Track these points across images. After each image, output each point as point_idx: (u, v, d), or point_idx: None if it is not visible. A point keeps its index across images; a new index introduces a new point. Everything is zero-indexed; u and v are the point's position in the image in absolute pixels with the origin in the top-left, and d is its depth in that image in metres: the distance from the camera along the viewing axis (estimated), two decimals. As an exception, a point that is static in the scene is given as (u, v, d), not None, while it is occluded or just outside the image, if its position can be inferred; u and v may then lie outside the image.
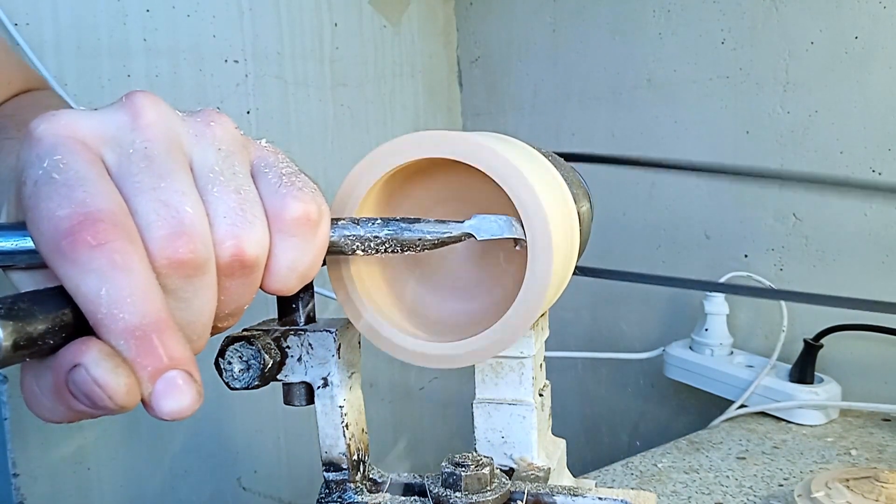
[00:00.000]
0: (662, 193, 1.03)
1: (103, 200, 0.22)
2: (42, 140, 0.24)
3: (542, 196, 0.32)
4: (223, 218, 0.25)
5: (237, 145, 0.27)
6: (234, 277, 0.26)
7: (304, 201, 0.27)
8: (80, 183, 0.22)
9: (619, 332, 1.11)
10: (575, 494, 0.37)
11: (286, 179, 0.27)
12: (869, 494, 0.55)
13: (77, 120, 0.24)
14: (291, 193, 0.27)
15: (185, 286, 0.24)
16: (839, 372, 0.83)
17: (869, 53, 0.82)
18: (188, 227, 0.24)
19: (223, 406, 1.01)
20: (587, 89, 1.11)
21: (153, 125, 0.25)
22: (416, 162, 0.35)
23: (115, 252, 0.22)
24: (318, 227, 0.27)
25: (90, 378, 0.21)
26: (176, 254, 0.23)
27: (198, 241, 0.24)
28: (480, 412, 0.43)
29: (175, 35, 0.94)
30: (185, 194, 0.24)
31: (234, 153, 0.27)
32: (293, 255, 0.27)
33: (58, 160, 0.23)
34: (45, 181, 0.23)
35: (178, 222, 0.23)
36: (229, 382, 0.36)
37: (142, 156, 0.24)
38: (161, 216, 0.23)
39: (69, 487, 0.88)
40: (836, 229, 0.87)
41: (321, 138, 1.10)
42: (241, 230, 0.25)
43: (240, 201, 0.25)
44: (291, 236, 0.27)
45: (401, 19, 1.20)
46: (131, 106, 0.25)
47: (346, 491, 0.38)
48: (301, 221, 0.27)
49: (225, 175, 0.26)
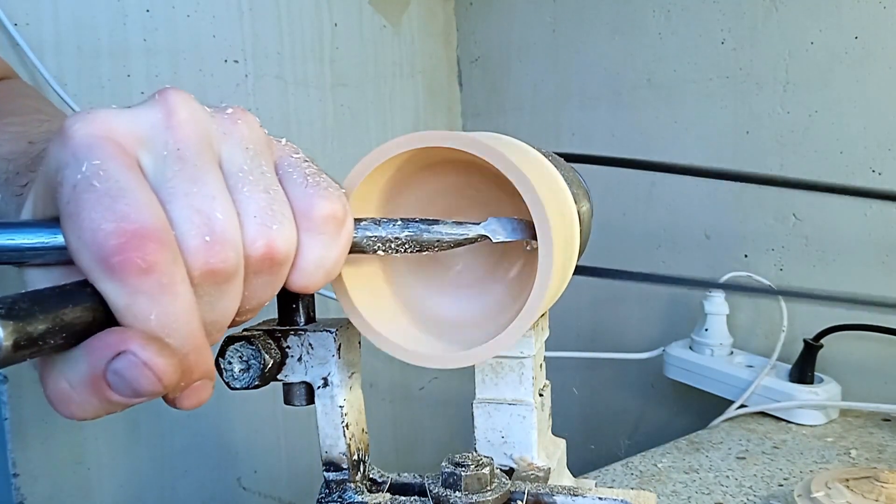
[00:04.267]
0: (662, 194, 1.03)
1: (148, 215, 0.23)
2: (79, 141, 0.23)
3: (543, 196, 0.32)
4: (254, 217, 0.25)
5: (263, 144, 0.28)
6: (261, 275, 0.26)
7: (330, 200, 0.27)
8: (122, 193, 0.23)
9: (619, 332, 1.11)
10: (575, 494, 0.37)
11: (311, 179, 0.28)
12: (869, 494, 0.55)
13: (113, 119, 0.24)
14: (318, 193, 0.27)
15: (214, 291, 0.25)
16: (839, 372, 0.83)
17: (869, 53, 0.82)
18: (220, 234, 0.24)
19: (223, 406, 1.01)
20: (587, 89, 1.11)
21: (185, 123, 0.25)
22: (415, 163, 0.35)
23: (163, 275, 0.22)
24: (343, 225, 0.28)
25: (140, 361, 0.22)
26: (208, 264, 0.24)
27: (230, 249, 0.24)
28: (480, 412, 0.43)
29: (175, 35, 0.94)
30: (216, 199, 0.24)
31: (261, 152, 0.27)
32: (320, 252, 0.28)
33: (97, 165, 0.23)
34: (86, 188, 0.22)
35: (211, 230, 0.24)
36: (229, 382, 0.36)
37: (175, 158, 0.24)
38: (195, 224, 0.24)
39: (69, 487, 0.88)
40: (836, 229, 0.87)
41: (321, 138, 1.10)
42: (272, 229, 0.26)
43: (269, 201, 0.26)
44: (319, 234, 0.27)
45: (401, 19, 1.20)
46: (164, 104, 0.25)
47: (346, 491, 0.38)
48: (328, 219, 0.27)
49: (254, 174, 0.26)
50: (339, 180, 0.34)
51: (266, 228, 0.26)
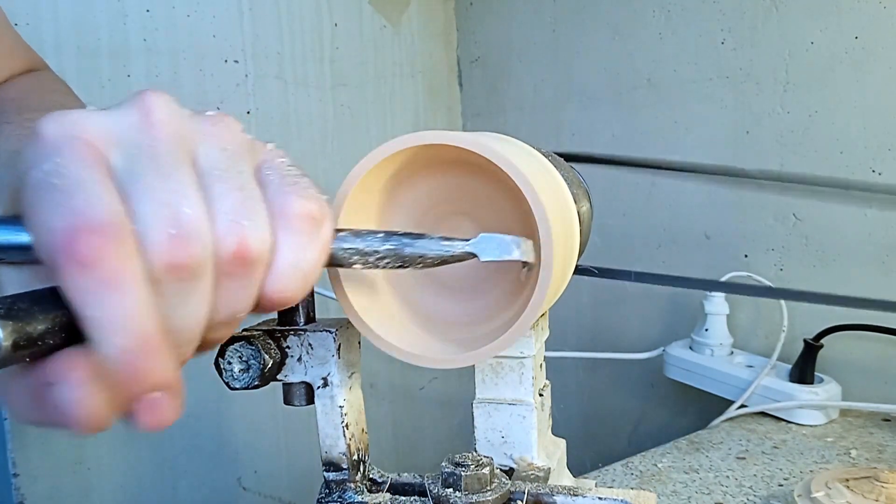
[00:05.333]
0: (662, 194, 1.03)
1: (100, 209, 0.22)
2: (47, 140, 0.23)
3: (543, 196, 0.32)
4: (225, 214, 0.25)
5: (243, 148, 0.27)
6: (234, 277, 0.25)
7: (307, 199, 0.27)
8: (78, 189, 0.22)
9: (619, 332, 1.11)
10: (575, 494, 0.37)
11: (290, 180, 0.27)
12: (869, 494, 0.55)
13: (86, 120, 0.24)
14: (295, 192, 0.27)
15: (179, 290, 0.24)
16: (839, 372, 0.83)
17: (869, 53, 0.82)
18: (186, 228, 0.23)
19: (223, 406, 1.01)
20: (587, 89, 1.11)
21: (161, 124, 0.25)
22: (415, 163, 0.35)
23: (108, 271, 0.22)
24: (321, 225, 0.27)
25: (67, 399, 0.22)
26: (174, 258, 0.23)
27: (196, 244, 0.24)
28: (480, 412, 0.43)
29: (175, 35, 0.94)
30: (185, 195, 0.24)
31: (240, 154, 0.27)
32: (296, 253, 0.26)
33: (58, 163, 0.23)
34: (45, 185, 0.22)
35: (177, 224, 0.23)
36: (229, 382, 0.36)
37: (147, 155, 0.24)
38: (159, 218, 0.23)
39: (69, 487, 0.88)
40: (836, 229, 0.87)
41: (321, 138, 1.10)
42: (244, 225, 0.25)
43: (243, 198, 0.25)
44: (295, 233, 0.26)
45: (401, 19, 1.20)
46: (142, 105, 0.25)
47: (346, 491, 0.38)
48: (304, 218, 0.26)
49: (230, 173, 0.25)
50: (338, 181, 0.34)
51: (238, 225, 0.25)
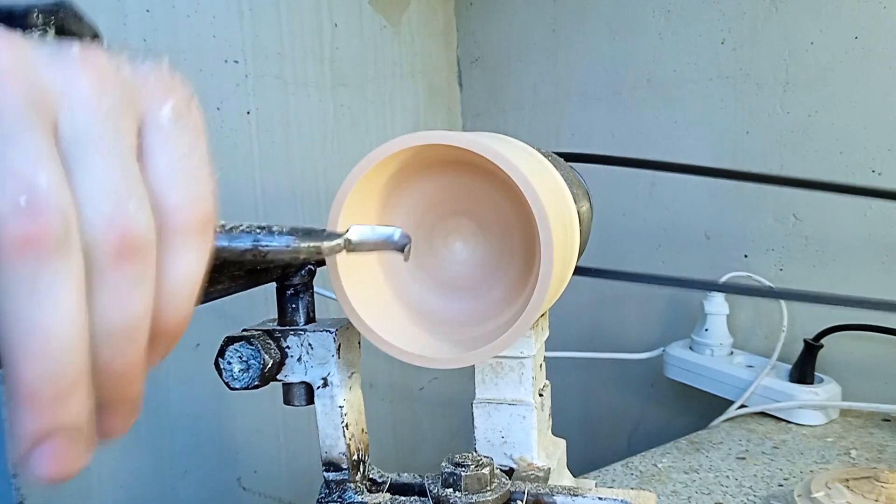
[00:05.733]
0: (662, 193, 1.03)
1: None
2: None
3: (543, 196, 0.32)
4: (102, 192, 0.19)
5: (121, 99, 0.21)
6: (120, 267, 0.20)
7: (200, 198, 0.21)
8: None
9: (619, 332, 1.11)
10: (575, 494, 0.37)
11: (178, 154, 0.21)
12: (869, 494, 0.55)
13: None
14: (187, 180, 0.21)
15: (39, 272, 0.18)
16: (839, 372, 0.83)
17: (869, 53, 0.82)
18: (41, 197, 0.18)
19: (223, 406, 1.01)
20: (587, 89, 1.11)
21: (7, 73, 0.19)
22: (415, 163, 0.35)
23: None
24: (211, 228, 0.22)
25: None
26: (22, 227, 0.18)
27: (53, 216, 0.18)
28: (480, 412, 0.43)
29: (175, 35, 0.94)
30: (39, 162, 0.19)
31: (116, 111, 0.21)
32: (189, 261, 0.21)
33: None
34: None
35: (29, 190, 0.18)
36: (229, 382, 0.36)
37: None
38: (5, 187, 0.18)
39: (69, 487, 0.88)
40: (836, 229, 0.87)
41: (321, 138, 1.10)
42: (128, 207, 0.20)
43: (124, 175, 0.20)
44: (188, 236, 0.21)
45: (401, 19, 1.20)
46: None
47: (346, 491, 0.38)
48: (200, 220, 0.21)
49: (104, 140, 0.20)
50: (338, 181, 0.34)
51: (121, 205, 0.19)
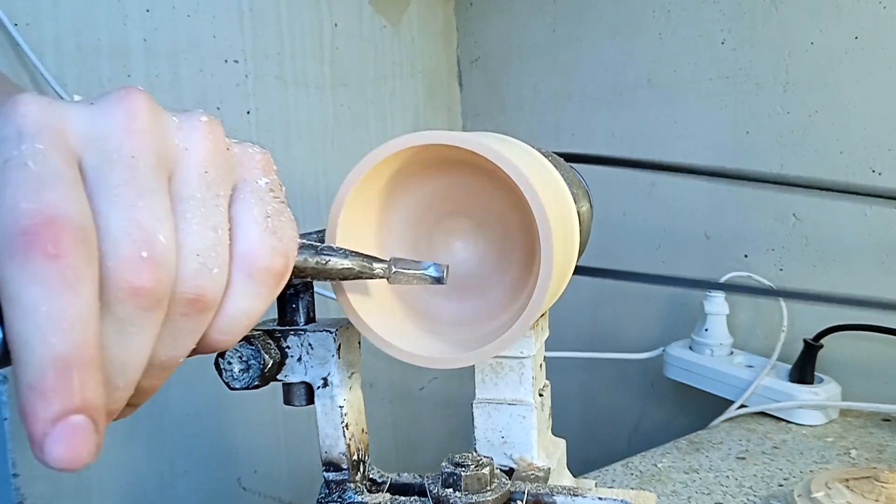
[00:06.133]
0: (662, 193, 1.03)
1: (73, 208, 0.21)
2: (28, 120, 0.22)
3: (543, 196, 0.32)
4: (196, 256, 0.23)
5: (225, 167, 0.25)
6: (186, 318, 0.24)
7: (276, 253, 0.25)
8: (55, 181, 0.21)
9: (619, 332, 1.11)
10: (575, 494, 0.37)
11: (264, 214, 0.26)
12: (869, 494, 0.55)
13: (69, 111, 0.23)
14: (266, 240, 0.25)
15: (134, 318, 0.22)
16: (839, 372, 0.83)
17: (869, 53, 0.82)
18: (159, 256, 0.22)
19: (223, 406, 1.01)
20: (587, 89, 1.11)
21: (144, 133, 0.23)
22: (415, 163, 0.35)
23: (70, 268, 0.20)
24: (283, 279, 0.26)
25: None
26: (138, 280, 0.22)
27: (164, 274, 0.22)
28: (480, 412, 0.43)
29: (175, 35, 0.94)
30: (160, 221, 0.23)
31: (220, 179, 0.25)
32: (250, 302, 0.25)
33: (39, 150, 0.21)
34: (18, 165, 0.21)
35: (150, 248, 0.22)
36: (229, 382, 0.36)
37: (125, 166, 0.22)
38: (132, 237, 0.22)
39: (69, 487, 0.88)
40: (836, 229, 0.87)
41: (321, 138, 1.10)
42: (212, 273, 0.24)
43: (215, 241, 0.24)
44: (255, 282, 0.25)
45: (401, 19, 1.20)
46: (127, 107, 0.23)
47: (346, 491, 0.38)
48: (269, 274, 0.25)
49: (206, 206, 0.24)
50: (338, 181, 0.34)
51: (205, 270, 0.24)
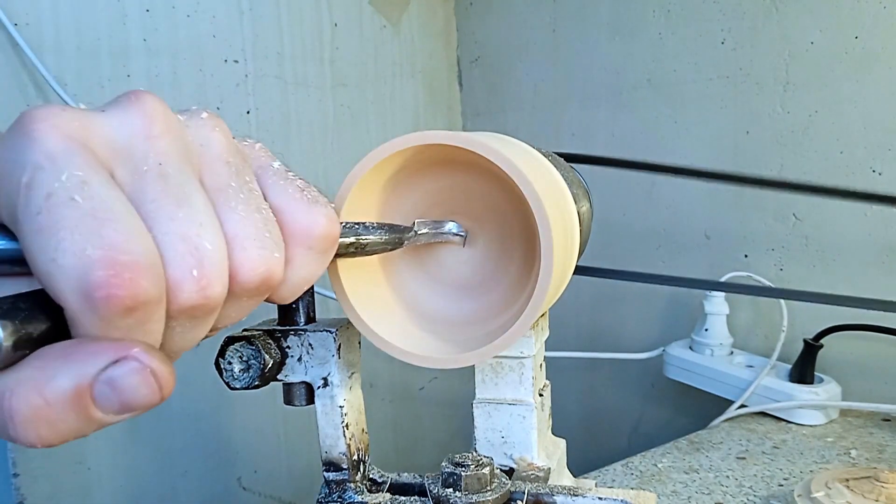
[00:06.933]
0: (662, 193, 1.03)
1: (139, 246, 0.20)
2: (53, 143, 0.20)
3: (543, 196, 0.32)
4: (253, 241, 0.23)
5: (241, 157, 0.25)
6: (250, 298, 0.24)
7: (330, 218, 0.26)
8: (109, 217, 0.20)
9: (619, 332, 1.11)
10: (575, 494, 0.37)
11: (307, 194, 0.26)
12: (869, 494, 0.55)
13: (87, 122, 0.22)
14: (318, 210, 0.26)
15: (189, 324, 0.23)
16: (839, 372, 0.83)
17: (869, 53, 0.82)
18: (208, 268, 0.22)
19: (223, 406, 1.01)
20: (587, 89, 1.11)
21: (165, 135, 0.23)
22: (415, 163, 0.35)
23: (147, 315, 0.21)
24: (336, 240, 0.27)
25: (145, 367, 0.20)
26: (192, 300, 0.22)
27: (217, 284, 0.22)
28: (480, 412, 0.43)
29: (175, 35, 0.94)
30: (203, 225, 0.22)
31: (242, 166, 0.25)
32: (310, 269, 0.26)
33: (79, 178, 0.20)
34: (64, 201, 0.20)
35: (199, 262, 0.22)
36: (229, 382, 0.36)
37: (156, 175, 0.22)
38: (180, 254, 0.21)
39: (69, 487, 0.88)
40: (836, 229, 0.87)
41: (321, 138, 1.10)
42: (273, 256, 0.24)
43: (264, 222, 0.24)
44: (315, 252, 0.26)
45: (401, 19, 1.20)
46: (142, 110, 0.23)
47: (346, 491, 0.38)
48: (327, 238, 0.26)
49: (243, 192, 0.24)
50: (338, 181, 0.34)
51: (267, 254, 0.24)
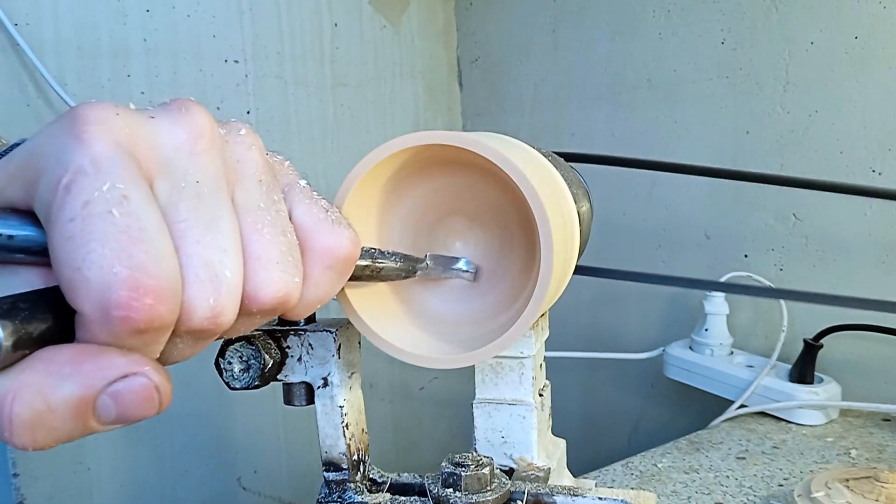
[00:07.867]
0: (662, 193, 1.03)
1: (166, 271, 0.20)
2: (102, 148, 0.20)
3: (543, 196, 0.32)
4: (276, 264, 0.23)
5: (272, 174, 0.25)
6: (264, 317, 0.24)
7: (352, 241, 0.26)
8: (142, 237, 0.20)
9: (619, 332, 1.11)
10: (575, 494, 0.37)
11: (320, 209, 0.26)
12: (869, 494, 0.55)
13: (137, 129, 0.21)
14: (333, 230, 0.26)
15: (193, 344, 0.23)
16: (839, 372, 0.83)
17: (869, 53, 0.82)
18: (224, 297, 0.22)
19: (223, 406, 1.01)
20: (587, 89, 1.11)
21: (208, 152, 0.23)
22: (415, 163, 0.35)
23: (156, 337, 0.21)
24: (354, 263, 0.27)
25: (151, 384, 0.21)
26: (202, 325, 0.22)
27: (229, 312, 0.22)
28: (480, 412, 0.43)
29: (175, 35, 0.94)
30: (227, 252, 0.22)
31: (273, 184, 0.25)
32: (327, 288, 0.26)
33: (121, 191, 0.20)
34: (101, 213, 0.19)
35: (216, 291, 0.22)
36: (229, 382, 0.36)
37: (192, 194, 0.22)
38: (200, 279, 0.22)
39: (69, 487, 0.88)
40: (836, 229, 0.87)
41: (321, 138, 1.10)
42: (294, 281, 0.24)
43: (288, 245, 0.24)
44: (333, 272, 0.26)
45: (401, 19, 1.20)
46: (191, 124, 0.23)
47: (346, 491, 0.38)
48: (347, 261, 0.26)
49: (271, 214, 0.24)
50: (338, 181, 0.34)
51: (288, 277, 0.24)
